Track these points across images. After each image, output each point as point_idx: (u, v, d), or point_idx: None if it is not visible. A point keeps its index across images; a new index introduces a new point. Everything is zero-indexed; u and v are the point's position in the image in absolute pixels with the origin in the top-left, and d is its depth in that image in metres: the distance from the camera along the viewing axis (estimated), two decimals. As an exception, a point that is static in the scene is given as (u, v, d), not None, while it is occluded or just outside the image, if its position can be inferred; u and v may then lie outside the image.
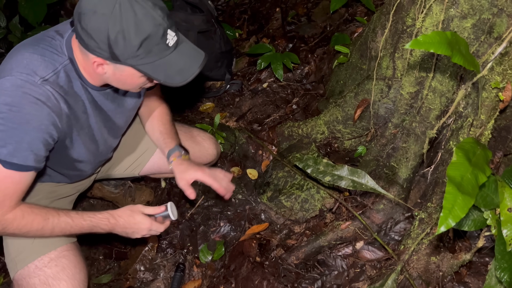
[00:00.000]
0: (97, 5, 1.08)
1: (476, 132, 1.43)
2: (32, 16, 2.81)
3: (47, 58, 1.22)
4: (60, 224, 1.34)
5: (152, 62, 1.16)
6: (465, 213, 0.95)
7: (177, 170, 1.58)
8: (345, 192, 1.82)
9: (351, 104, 1.91)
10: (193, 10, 2.42)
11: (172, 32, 1.16)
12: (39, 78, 1.19)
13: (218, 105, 2.54)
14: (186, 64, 1.21)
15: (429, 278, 1.46)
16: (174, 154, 1.63)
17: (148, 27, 1.10)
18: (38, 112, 1.19)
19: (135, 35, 1.10)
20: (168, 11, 1.18)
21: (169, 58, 1.18)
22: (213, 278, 1.82)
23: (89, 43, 1.13)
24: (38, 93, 1.18)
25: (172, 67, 1.19)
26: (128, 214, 1.43)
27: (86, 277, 1.48)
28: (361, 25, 2.39)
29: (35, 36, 1.29)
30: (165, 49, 1.16)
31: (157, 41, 1.13)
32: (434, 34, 1.06)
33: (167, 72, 1.19)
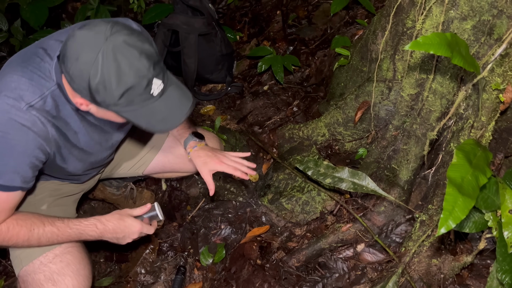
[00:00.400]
0: (80, 52, 1.05)
1: (476, 133, 1.42)
2: (33, 19, 2.82)
3: (34, 83, 1.19)
4: (45, 234, 1.34)
5: (134, 110, 1.13)
6: (465, 215, 0.95)
7: (197, 162, 1.58)
8: (346, 195, 1.81)
9: (351, 106, 1.90)
10: (194, 13, 2.43)
11: (158, 80, 1.12)
12: (25, 104, 1.17)
13: (219, 107, 2.54)
14: (170, 113, 1.18)
15: (430, 281, 1.46)
16: (189, 144, 1.63)
17: (131, 78, 1.06)
18: (24, 137, 1.19)
19: (117, 86, 1.06)
20: (157, 56, 1.12)
21: (153, 107, 1.14)
22: (214, 280, 1.81)
23: (72, 85, 1.11)
24: (23, 119, 1.17)
25: (155, 116, 1.16)
26: (117, 218, 1.43)
27: (91, 273, 1.49)
28: (362, 27, 2.39)
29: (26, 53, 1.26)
30: (148, 99, 1.12)
31: (140, 92, 1.09)
32: (434, 35, 1.06)
33: (150, 120, 1.16)
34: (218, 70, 2.55)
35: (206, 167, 1.56)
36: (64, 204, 1.62)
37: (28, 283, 1.40)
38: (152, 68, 1.09)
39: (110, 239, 1.44)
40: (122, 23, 1.12)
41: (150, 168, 1.85)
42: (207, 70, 2.52)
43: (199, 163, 1.57)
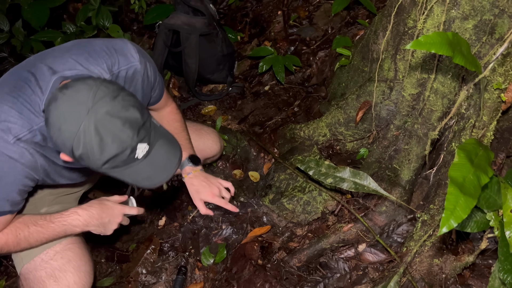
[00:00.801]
0: (63, 123, 1.04)
1: (478, 133, 1.42)
2: (35, 20, 2.82)
3: (24, 116, 1.18)
4: (32, 235, 1.34)
5: (118, 172, 1.13)
6: (467, 214, 0.95)
7: (190, 189, 1.64)
8: (347, 195, 1.81)
9: (353, 106, 1.90)
10: (195, 13, 2.43)
11: (143, 144, 1.11)
12: (13, 138, 1.17)
13: (220, 108, 2.54)
14: (155, 172, 1.17)
15: (432, 281, 1.46)
16: (185, 170, 1.66)
17: (114, 149, 1.05)
18: (11, 169, 1.19)
19: (100, 156, 1.06)
20: (142, 120, 1.10)
21: (137, 167, 1.13)
22: (215, 281, 1.81)
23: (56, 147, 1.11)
24: (11, 151, 1.17)
25: (140, 174, 1.15)
26: (98, 203, 1.44)
27: (92, 269, 1.50)
28: (363, 27, 2.39)
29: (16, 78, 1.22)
30: (132, 161, 1.11)
31: (123, 159, 1.09)
32: (435, 34, 1.05)
33: (135, 178, 1.15)
34: (219, 70, 2.55)
35: (198, 195, 1.61)
36: (65, 201, 1.62)
37: (30, 281, 1.41)
38: (136, 136, 1.08)
39: (95, 227, 1.44)
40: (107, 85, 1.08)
41: None
42: (208, 70, 2.52)
43: (191, 191, 1.63)
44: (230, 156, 2.20)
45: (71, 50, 1.28)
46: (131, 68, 1.34)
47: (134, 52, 1.35)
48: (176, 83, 2.71)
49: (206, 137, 1.88)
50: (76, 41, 1.35)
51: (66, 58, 1.25)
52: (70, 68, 1.22)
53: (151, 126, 1.15)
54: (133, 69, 1.34)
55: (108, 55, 1.30)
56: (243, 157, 2.22)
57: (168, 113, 1.69)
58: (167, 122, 1.69)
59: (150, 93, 1.48)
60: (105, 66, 1.28)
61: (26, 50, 2.92)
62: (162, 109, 1.67)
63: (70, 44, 1.32)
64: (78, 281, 1.42)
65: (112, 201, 1.48)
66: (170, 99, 1.68)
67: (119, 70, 1.31)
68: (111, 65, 1.29)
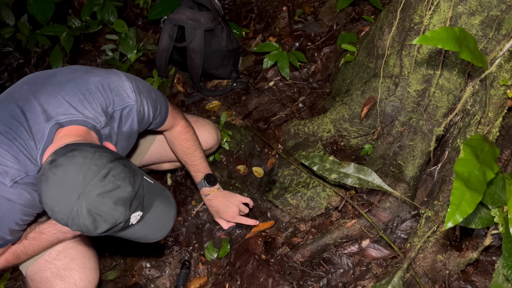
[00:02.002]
0: (55, 206, 1.05)
1: (483, 130, 1.42)
2: (40, 14, 2.83)
3: (20, 162, 1.18)
4: (27, 248, 1.36)
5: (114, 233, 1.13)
6: (472, 209, 0.95)
7: (210, 209, 1.84)
8: (351, 190, 1.81)
9: (357, 102, 1.90)
10: (200, 8, 2.43)
11: (136, 213, 1.11)
12: (10, 181, 1.17)
13: (224, 103, 2.54)
14: (149, 233, 1.18)
15: (435, 277, 1.46)
16: (202, 191, 1.81)
17: (108, 225, 1.07)
18: (10, 210, 1.20)
19: (95, 231, 1.07)
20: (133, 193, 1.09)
21: (132, 231, 1.15)
22: (218, 275, 1.82)
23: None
24: (9, 193, 1.18)
25: (134, 236, 1.17)
26: None
27: (97, 264, 1.51)
28: (368, 23, 2.38)
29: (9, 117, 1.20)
30: (127, 227, 1.13)
31: (118, 229, 1.11)
32: (442, 29, 1.05)
33: (130, 237, 1.17)
34: (224, 65, 2.55)
35: (218, 215, 1.83)
36: None
37: (36, 282, 1.43)
38: (129, 210, 1.08)
39: None
40: (96, 162, 1.06)
41: (147, 158, 1.87)
42: (212, 65, 2.52)
43: (212, 211, 1.83)
44: (234, 151, 2.20)
45: (65, 88, 1.24)
46: (126, 107, 1.33)
47: (130, 91, 1.33)
48: (180, 78, 2.71)
49: (201, 129, 1.86)
50: (71, 75, 1.30)
51: (60, 99, 1.22)
52: (64, 113, 1.21)
53: (144, 190, 1.14)
54: (129, 108, 1.33)
55: (103, 96, 1.28)
56: (247, 152, 2.22)
57: (178, 133, 1.68)
58: (178, 143, 1.69)
59: (149, 124, 1.48)
60: (99, 108, 1.26)
61: (32, 44, 2.93)
62: (171, 130, 1.66)
63: (64, 79, 1.28)
64: (84, 278, 1.44)
65: None
66: (178, 117, 1.65)
67: (114, 110, 1.30)
68: (106, 106, 1.28)
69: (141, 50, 2.83)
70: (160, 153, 1.86)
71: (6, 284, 1.92)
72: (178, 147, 1.70)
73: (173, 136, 1.68)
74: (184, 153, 1.72)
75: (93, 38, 3.05)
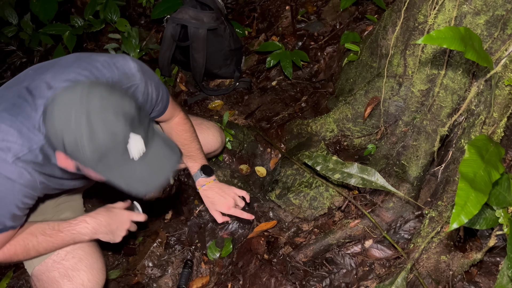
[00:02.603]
0: (56, 114, 1.04)
1: (488, 130, 1.41)
2: (43, 13, 2.83)
3: (24, 136, 1.16)
4: (41, 244, 1.35)
5: (112, 173, 1.10)
6: (477, 210, 0.94)
7: (205, 200, 1.75)
8: (354, 190, 1.81)
9: (361, 102, 1.89)
10: (202, 7, 2.43)
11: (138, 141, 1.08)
12: (12, 156, 1.15)
13: (227, 103, 2.54)
14: (151, 175, 1.14)
15: (439, 277, 1.45)
16: (198, 181, 1.75)
17: (106, 137, 1.03)
18: (10, 190, 1.18)
19: (91, 152, 1.03)
20: (136, 113, 1.08)
21: (132, 169, 1.10)
22: (221, 275, 1.82)
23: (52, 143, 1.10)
24: (9, 172, 1.16)
25: (135, 178, 1.12)
26: (105, 210, 1.45)
27: (104, 266, 1.51)
28: (372, 23, 2.37)
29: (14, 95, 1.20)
30: (127, 162, 1.08)
31: (117, 157, 1.06)
32: (447, 29, 1.04)
33: (129, 181, 1.12)
34: (227, 65, 2.54)
35: (213, 206, 1.74)
36: (70, 200, 1.63)
37: (43, 281, 1.42)
38: (130, 127, 1.06)
39: (104, 235, 1.45)
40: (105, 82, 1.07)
41: None
42: (215, 65, 2.52)
43: (207, 202, 1.75)
44: (237, 151, 2.20)
45: (71, 66, 1.24)
46: (131, 87, 1.32)
47: (136, 71, 1.32)
48: (183, 78, 2.71)
49: (206, 132, 1.87)
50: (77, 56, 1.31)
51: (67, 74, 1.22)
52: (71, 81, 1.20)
53: (149, 125, 1.12)
54: (134, 87, 1.33)
55: (109, 73, 1.27)
56: (249, 152, 2.22)
57: (176, 124, 1.68)
58: (176, 133, 1.69)
59: (153, 108, 1.47)
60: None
61: (34, 43, 2.93)
62: (169, 120, 1.66)
63: (71, 59, 1.28)
64: (91, 279, 1.43)
65: (118, 207, 1.48)
66: (177, 109, 1.65)
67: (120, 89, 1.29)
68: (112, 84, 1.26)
69: (143, 49, 2.83)
70: None
71: (8, 282, 1.92)
72: (176, 138, 1.70)
73: (171, 127, 1.68)
74: (181, 144, 1.70)
75: (96, 37, 3.05)
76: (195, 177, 1.76)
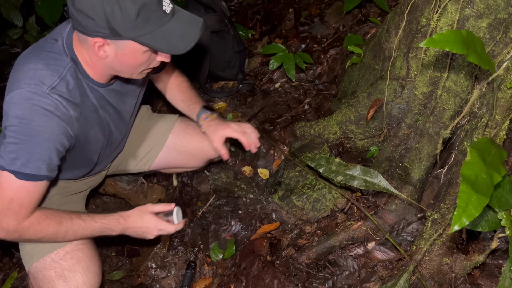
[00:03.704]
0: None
1: (490, 132, 1.41)
2: (48, 16, 2.85)
3: (51, 65, 1.23)
4: (73, 226, 1.37)
5: (152, 32, 1.16)
6: (479, 212, 0.95)
7: (208, 131, 1.66)
8: (357, 193, 1.81)
9: (364, 104, 1.90)
10: (206, 10, 2.44)
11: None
12: (47, 87, 1.20)
13: (230, 104, 2.55)
14: (186, 29, 1.21)
15: (441, 279, 1.45)
16: (201, 117, 1.69)
17: None
18: (48, 123, 1.22)
19: (131, 4, 1.10)
20: None
21: (169, 26, 1.18)
22: (223, 276, 1.82)
23: (87, 24, 1.13)
24: (47, 104, 1.20)
25: (173, 34, 1.19)
26: (137, 215, 1.47)
27: (100, 270, 1.51)
28: (375, 25, 2.38)
29: (36, 44, 1.31)
30: (163, 17, 1.16)
31: (154, 8, 1.13)
32: (450, 32, 1.05)
33: (169, 40, 1.19)
34: (230, 67, 2.55)
35: (216, 134, 1.63)
36: (73, 201, 1.64)
37: (39, 280, 1.42)
38: None
39: (132, 234, 1.49)
40: None
41: (155, 164, 1.89)
42: (219, 67, 2.53)
43: (209, 131, 1.65)
44: (240, 153, 2.21)
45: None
46: None
47: None
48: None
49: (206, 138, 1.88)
50: None
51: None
52: None
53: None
54: None
55: None
56: (252, 154, 2.22)
57: (176, 76, 1.80)
58: (176, 84, 1.78)
59: None
60: None
61: (39, 45, 2.95)
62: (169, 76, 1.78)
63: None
64: (87, 282, 1.44)
65: (155, 211, 1.49)
66: (175, 69, 1.80)
67: None
68: None
69: (147, 51, 2.84)
70: (169, 160, 1.88)
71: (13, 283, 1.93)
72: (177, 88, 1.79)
73: (171, 82, 1.79)
74: (182, 92, 1.78)
75: (100, 39, 3.07)
76: (198, 115, 1.71)
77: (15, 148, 1.21)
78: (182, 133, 1.84)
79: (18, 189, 1.24)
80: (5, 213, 1.25)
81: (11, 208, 1.24)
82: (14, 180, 1.22)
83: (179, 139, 1.84)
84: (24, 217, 1.28)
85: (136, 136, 1.81)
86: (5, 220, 1.26)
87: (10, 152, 1.21)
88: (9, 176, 1.22)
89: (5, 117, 1.23)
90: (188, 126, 1.86)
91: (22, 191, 1.25)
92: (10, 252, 2.07)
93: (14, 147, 1.21)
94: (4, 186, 1.23)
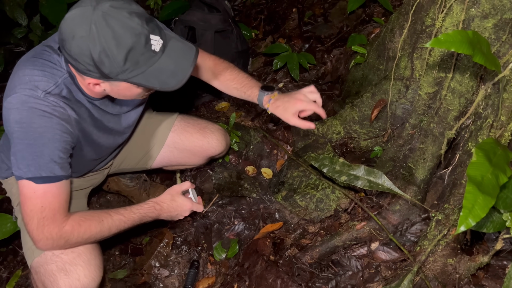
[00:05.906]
0: (74, 29, 1.09)
1: (495, 133, 1.41)
2: (52, 15, 2.86)
3: (47, 73, 1.24)
4: (114, 222, 1.42)
5: (143, 72, 1.16)
6: (485, 213, 0.94)
7: (278, 112, 1.61)
8: (361, 193, 1.81)
9: (368, 104, 1.90)
10: (210, 9, 2.44)
11: (155, 36, 1.15)
12: (42, 92, 1.22)
13: (234, 104, 2.55)
14: (177, 64, 1.20)
15: (445, 280, 1.45)
16: (264, 100, 1.66)
17: (129, 39, 1.09)
18: (48, 123, 1.23)
19: (118, 50, 1.09)
20: (147, 15, 1.16)
21: (159, 64, 1.17)
22: (227, 275, 1.82)
23: (78, 66, 1.15)
24: (43, 105, 1.22)
25: (164, 72, 1.18)
26: (169, 199, 1.59)
27: (102, 263, 1.52)
28: (379, 25, 2.37)
29: (34, 50, 1.32)
30: (152, 56, 1.15)
31: (141, 50, 1.12)
32: (456, 33, 1.05)
33: (160, 78, 1.18)
34: (234, 67, 2.55)
35: (287, 113, 1.58)
36: (75, 197, 1.65)
37: (40, 274, 1.43)
38: (146, 24, 1.12)
39: (165, 217, 1.60)
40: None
41: (157, 162, 1.92)
42: (222, 66, 2.53)
43: (280, 112, 1.60)
44: (243, 152, 2.21)
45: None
46: None
47: None
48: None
49: (210, 136, 1.89)
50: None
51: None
52: None
53: (160, 25, 1.21)
54: None
55: None
56: (256, 153, 2.23)
57: (216, 65, 1.73)
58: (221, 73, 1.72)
59: None
60: None
61: (44, 44, 2.96)
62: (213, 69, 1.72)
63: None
64: (88, 275, 1.44)
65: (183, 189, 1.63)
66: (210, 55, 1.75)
67: None
68: None
69: (151, 51, 2.84)
70: (170, 158, 1.91)
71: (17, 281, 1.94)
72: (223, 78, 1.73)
73: (215, 74, 1.72)
74: (231, 80, 1.73)
75: (104, 38, 3.07)
76: (259, 99, 1.68)
77: (24, 154, 1.23)
78: (181, 132, 1.87)
79: (44, 195, 1.26)
80: (43, 223, 1.28)
81: (46, 217, 1.27)
82: (36, 187, 1.25)
83: (179, 138, 1.86)
84: (62, 221, 1.31)
85: (137, 135, 1.83)
86: (46, 229, 1.29)
87: (21, 159, 1.24)
88: (30, 184, 1.25)
89: (6, 123, 1.25)
90: (187, 124, 1.88)
91: (48, 196, 1.27)
92: (14, 250, 2.08)
93: (23, 153, 1.23)
94: (30, 196, 1.26)
